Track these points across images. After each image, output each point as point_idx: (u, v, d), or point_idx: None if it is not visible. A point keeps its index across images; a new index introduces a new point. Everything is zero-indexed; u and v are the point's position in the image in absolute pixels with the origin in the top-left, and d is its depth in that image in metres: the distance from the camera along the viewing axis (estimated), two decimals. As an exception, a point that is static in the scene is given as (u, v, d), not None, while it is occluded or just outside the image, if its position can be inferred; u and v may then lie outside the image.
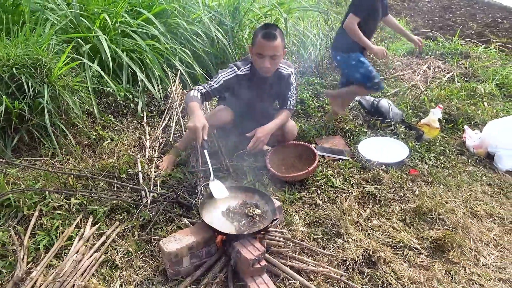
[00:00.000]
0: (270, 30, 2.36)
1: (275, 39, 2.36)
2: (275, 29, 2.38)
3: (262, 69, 2.46)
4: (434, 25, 7.82)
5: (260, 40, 2.36)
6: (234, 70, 2.52)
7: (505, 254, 2.13)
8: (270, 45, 2.35)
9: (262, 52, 2.38)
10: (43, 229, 2.07)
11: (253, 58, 2.49)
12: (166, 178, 2.52)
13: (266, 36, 2.34)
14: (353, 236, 2.17)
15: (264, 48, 2.36)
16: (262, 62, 2.41)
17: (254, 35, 2.43)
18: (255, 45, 2.41)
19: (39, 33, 2.89)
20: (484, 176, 2.78)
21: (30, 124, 2.65)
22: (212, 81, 2.51)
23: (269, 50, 2.37)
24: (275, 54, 2.40)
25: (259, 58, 2.41)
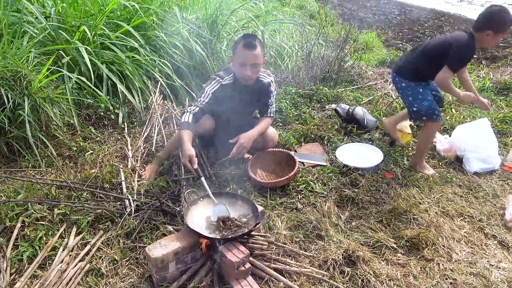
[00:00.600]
0: (251, 40, 2.46)
1: (256, 48, 2.45)
2: (254, 39, 2.48)
3: (244, 78, 2.54)
4: (404, 37, 8.15)
5: (241, 49, 2.45)
6: (218, 81, 2.59)
7: (475, 250, 2.26)
8: (251, 54, 2.45)
9: (243, 61, 2.47)
10: (26, 240, 2.06)
11: (234, 67, 2.57)
12: (150, 187, 2.54)
13: (247, 46, 2.44)
14: (333, 238, 2.25)
15: (245, 57, 2.46)
16: (244, 70, 2.50)
17: (235, 45, 2.52)
18: (236, 55, 2.50)
19: (18, 45, 2.88)
20: (454, 177, 2.93)
21: (9, 136, 2.63)
22: (202, 97, 2.57)
23: (250, 59, 2.46)
24: (256, 62, 2.50)
25: (241, 67, 2.50)
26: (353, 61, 5.09)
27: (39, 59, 2.95)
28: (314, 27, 5.99)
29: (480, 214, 2.54)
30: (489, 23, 2.57)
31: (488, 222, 2.47)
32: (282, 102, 3.82)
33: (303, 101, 4.01)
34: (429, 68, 2.76)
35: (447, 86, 2.67)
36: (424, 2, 13.64)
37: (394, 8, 12.48)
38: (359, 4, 12.86)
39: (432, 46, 2.80)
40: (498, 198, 2.72)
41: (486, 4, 13.86)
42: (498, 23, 2.57)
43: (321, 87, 4.28)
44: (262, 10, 5.39)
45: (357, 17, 10.22)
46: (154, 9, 3.95)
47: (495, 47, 7.04)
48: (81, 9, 3.62)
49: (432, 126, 2.87)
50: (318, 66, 4.66)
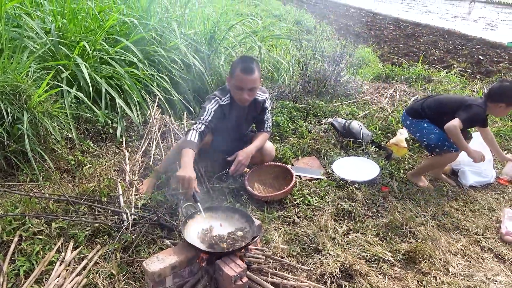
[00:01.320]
0: (248, 64, 2.49)
1: (253, 73, 2.49)
2: (252, 62, 2.52)
3: (241, 100, 2.59)
4: (399, 51, 8.27)
5: (239, 74, 2.48)
6: (217, 100, 2.61)
7: (471, 263, 2.27)
8: (249, 79, 2.49)
9: (241, 86, 2.51)
10: (23, 255, 2.05)
11: (231, 89, 2.61)
12: (147, 200, 2.55)
13: (245, 70, 2.47)
14: (330, 251, 2.26)
15: (243, 81, 2.49)
16: (241, 94, 2.54)
17: (233, 68, 2.55)
18: (234, 78, 2.53)
19: (18, 60, 2.92)
20: (450, 191, 2.96)
21: (8, 150, 2.64)
22: (204, 115, 2.56)
23: (248, 83, 2.50)
24: (254, 86, 2.54)
25: (238, 90, 2.53)
26: (349, 76, 5.16)
27: (38, 73, 2.98)
28: (310, 42, 6.08)
29: (476, 227, 2.56)
30: (502, 97, 2.73)
31: (484, 235, 2.49)
32: (279, 116, 3.85)
33: (300, 115, 4.05)
34: (436, 113, 2.92)
35: (456, 135, 2.69)
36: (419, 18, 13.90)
37: (390, 23, 12.69)
38: (355, 20, 13.08)
39: (450, 97, 3.14)
40: (494, 211, 2.74)
41: (479, 20, 14.13)
42: (510, 97, 2.72)
43: (317, 101, 4.33)
44: (259, 26, 5.48)
45: (353, 32, 10.39)
46: (153, 25, 4.01)
47: (489, 62, 7.16)
48: (81, 25, 3.67)
49: (449, 157, 2.90)
50: (314, 80, 4.72)
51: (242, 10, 8.21)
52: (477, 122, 2.88)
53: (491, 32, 11.39)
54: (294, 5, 14.17)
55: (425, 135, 2.94)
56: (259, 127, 2.88)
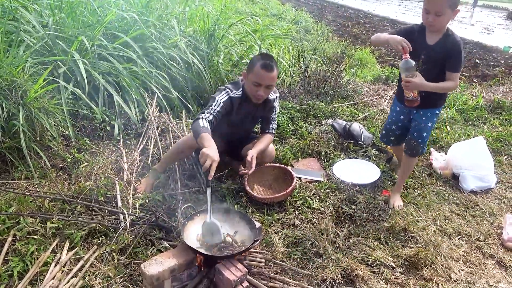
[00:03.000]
0: (269, 61, 2.47)
1: (273, 71, 2.48)
2: (272, 60, 2.50)
3: (256, 96, 2.55)
4: (397, 54, 8.25)
5: (259, 70, 2.45)
6: (228, 92, 2.58)
7: (473, 269, 2.25)
8: (269, 76, 2.47)
9: (260, 82, 2.48)
10: (17, 255, 1.99)
11: (247, 84, 2.56)
12: (145, 200, 2.50)
13: (266, 67, 2.45)
14: (331, 256, 2.23)
15: (262, 78, 2.47)
16: (257, 90, 2.51)
17: (252, 64, 2.51)
18: (252, 73, 2.49)
19: (14, 54, 2.85)
20: (451, 196, 2.94)
21: (2, 146, 2.57)
22: (213, 105, 2.49)
23: (267, 80, 2.48)
24: (271, 84, 2.53)
25: (255, 86, 2.50)
26: (349, 77, 5.13)
27: (35, 68, 2.91)
28: (310, 42, 6.05)
29: (477, 233, 2.54)
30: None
31: (485, 241, 2.47)
32: (279, 116, 3.81)
33: (300, 116, 4.01)
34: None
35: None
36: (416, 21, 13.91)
37: (387, 25, 12.69)
38: (353, 21, 13.07)
39: None
40: (495, 217, 2.72)
41: (476, 24, 14.19)
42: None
43: (317, 103, 4.29)
44: (260, 25, 5.43)
45: (351, 33, 10.36)
46: (153, 21, 3.95)
47: (485, 66, 7.17)
48: (79, 20, 3.61)
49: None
50: (314, 81, 4.69)
51: (241, 9, 8.16)
52: None
53: (488, 36, 11.43)
54: (292, 5, 14.15)
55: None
56: (265, 127, 2.84)
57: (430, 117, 2.56)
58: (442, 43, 2.31)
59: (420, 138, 2.62)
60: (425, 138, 2.63)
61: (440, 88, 2.34)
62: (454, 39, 2.30)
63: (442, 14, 2.18)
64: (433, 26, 2.28)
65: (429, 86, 2.30)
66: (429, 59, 2.36)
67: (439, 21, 2.23)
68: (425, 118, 2.57)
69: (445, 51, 2.30)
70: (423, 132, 2.60)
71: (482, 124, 4.26)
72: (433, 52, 2.34)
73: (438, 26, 2.27)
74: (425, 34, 2.37)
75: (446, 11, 2.18)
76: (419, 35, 2.38)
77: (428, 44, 2.35)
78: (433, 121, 2.60)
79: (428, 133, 2.62)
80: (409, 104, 2.43)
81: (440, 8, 2.17)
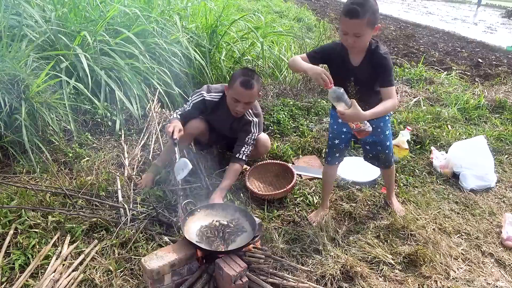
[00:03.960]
0: (249, 79, 2.48)
1: (252, 88, 2.49)
2: (253, 77, 2.50)
3: (234, 111, 2.60)
4: (399, 52, 8.24)
5: (238, 87, 2.47)
6: (202, 95, 2.69)
7: (472, 268, 2.25)
8: (247, 93, 2.49)
9: (238, 98, 2.52)
10: (19, 248, 2.01)
11: (228, 98, 2.60)
12: (146, 196, 2.51)
13: (245, 85, 2.47)
14: (330, 252, 2.24)
15: (240, 95, 2.50)
16: (235, 106, 2.56)
17: (233, 79, 2.53)
18: (232, 89, 2.52)
19: (16, 49, 2.85)
20: (451, 194, 2.94)
21: (4, 140, 2.59)
22: (186, 105, 2.72)
23: (246, 97, 2.52)
24: (250, 101, 2.56)
25: (234, 102, 2.54)
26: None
27: (37, 63, 2.92)
28: (312, 39, 6.04)
29: (477, 232, 2.54)
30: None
31: (485, 240, 2.47)
32: (280, 113, 3.82)
33: (301, 113, 4.02)
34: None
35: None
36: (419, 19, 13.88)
37: (390, 23, 12.66)
38: (356, 19, 13.01)
39: None
40: (495, 215, 2.72)
41: (479, 23, 14.15)
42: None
43: (319, 100, 4.30)
44: (262, 22, 5.43)
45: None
46: (155, 17, 3.95)
47: (488, 66, 7.16)
48: (82, 15, 3.61)
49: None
50: (316, 78, 4.67)
51: (243, 5, 8.15)
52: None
53: (491, 35, 11.40)
54: (295, 2, 14.11)
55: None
56: (237, 148, 2.69)
57: (383, 126, 2.37)
58: (367, 62, 2.10)
59: (386, 149, 2.46)
60: (390, 146, 2.48)
61: (379, 112, 2.06)
62: (378, 54, 2.08)
63: (362, 35, 1.97)
64: (354, 48, 2.07)
65: (366, 115, 2.00)
66: (358, 81, 2.17)
67: (360, 41, 2.01)
68: (380, 130, 2.37)
69: (372, 69, 2.10)
70: (385, 142, 2.43)
71: (483, 123, 4.25)
72: (360, 73, 2.14)
73: (360, 47, 2.07)
74: (348, 55, 2.14)
75: (365, 31, 1.97)
76: (342, 57, 2.15)
77: (354, 65, 2.14)
78: (388, 127, 2.42)
79: (390, 140, 2.46)
80: (360, 136, 2.16)
81: (358, 30, 1.95)
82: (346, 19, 1.95)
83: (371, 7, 1.94)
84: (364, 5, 1.92)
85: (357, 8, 1.91)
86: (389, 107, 2.07)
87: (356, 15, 1.91)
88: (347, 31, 1.99)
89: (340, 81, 2.07)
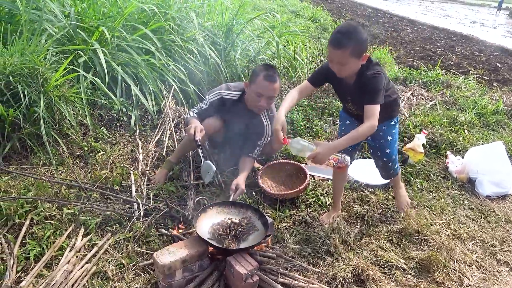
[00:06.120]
0: (272, 73, 2.49)
1: (276, 82, 2.51)
2: (275, 72, 2.52)
3: (256, 107, 2.59)
4: (416, 54, 8.15)
5: (262, 80, 2.47)
6: (219, 93, 2.69)
7: (487, 276, 2.21)
8: (270, 87, 2.50)
9: (262, 92, 2.51)
10: (34, 238, 2.04)
11: (249, 94, 2.60)
12: (159, 191, 2.53)
13: (269, 78, 2.47)
14: (342, 255, 2.22)
15: (264, 89, 2.49)
16: (258, 100, 2.54)
17: (255, 74, 2.53)
18: (255, 84, 2.51)
19: (36, 43, 2.90)
20: (466, 200, 2.89)
21: (23, 132, 2.63)
22: (202, 104, 2.72)
23: (270, 91, 2.52)
24: (273, 95, 2.55)
25: (257, 97, 2.53)
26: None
27: (56, 57, 2.95)
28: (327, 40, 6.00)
29: (492, 239, 2.50)
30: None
31: (500, 248, 2.43)
32: (294, 113, 3.80)
33: (315, 114, 4.00)
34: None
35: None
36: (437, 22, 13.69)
37: (407, 25, 12.52)
38: (372, 20, 12.93)
39: None
40: (511, 223, 2.67)
41: (498, 27, 13.89)
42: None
43: (333, 101, 4.27)
44: (279, 21, 5.41)
45: (369, 33, 10.26)
46: (172, 14, 3.97)
47: (507, 70, 7.02)
48: (100, 11, 3.65)
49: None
50: (331, 79, 4.64)
51: (259, 4, 8.14)
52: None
53: (510, 40, 11.18)
54: (311, 2, 14.05)
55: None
56: (249, 150, 2.79)
57: (387, 130, 2.29)
58: (358, 82, 2.07)
59: (385, 156, 2.36)
60: (391, 155, 2.36)
61: (351, 138, 2.00)
62: (365, 76, 2.03)
63: (345, 64, 1.96)
64: (340, 74, 2.06)
65: (336, 145, 1.98)
66: (355, 99, 2.17)
67: (345, 70, 2.01)
68: (382, 133, 2.29)
69: (362, 89, 2.05)
70: (385, 148, 2.34)
71: (501, 129, 4.18)
72: (354, 93, 2.13)
73: (346, 74, 2.05)
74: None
75: (349, 60, 1.94)
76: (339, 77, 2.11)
77: (348, 85, 2.13)
78: (392, 133, 2.32)
79: (392, 148, 2.34)
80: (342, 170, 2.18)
81: (341, 59, 1.94)
82: (330, 48, 1.97)
83: (356, 37, 1.92)
84: (349, 35, 1.91)
85: (340, 38, 1.91)
86: (363, 131, 1.97)
87: (339, 45, 1.91)
88: (332, 59, 2.00)
89: (341, 99, 2.20)
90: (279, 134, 2.04)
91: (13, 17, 3.23)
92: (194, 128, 2.46)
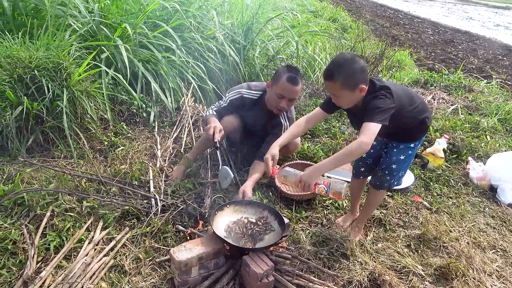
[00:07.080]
0: (296, 75, 2.48)
1: (298, 84, 2.50)
2: (298, 74, 2.50)
3: (277, 108, 2.58)
4: (437, 57, 8.00)
5: (284, 82, 2.46)
6: (239, 92, 2.70)
7: (507, 286, 2.16)
8: (293, 89, 2.49)
9: (284, 94, 2.50)
10: (54, 230, 2.08)
11: (270, 95, 2.59)
12: (177, 188, 2.55)
13: (291, 80, 2.46)
14: (358, 258, 2.19)
15: (286, 90, 2.48)
16: (280, 102, 2.53)
17: (277, 75, 2.52)
18: (277, 85, 2.50)
19: (61, 38, 2.95)
20: (487, 208, 2.83)
21: (46, 125, 2.68)
22: (222, 101, 2.73)
23: (292, 93, 2.51)
24: (295, 97, 2.55)
25: (278, 98, 2.52)
26: (386, 79, 5.01)
27: (79, 52, 3.00)
28: (347, 41, 5.94)
29: (513, 249, 2.44)
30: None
31: (522, 258, 2.37)
32: (311, 114, 3.78)
33: (333, 115, 3.97)
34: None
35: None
36: (459, 24, 13.42)
37: (428, 27, 12.31)
38: (392, 21, 12.75)
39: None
40: (534, 233, 2.60)
41: (524, 30, 13.50)
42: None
43: (352, 102, 4.22)
44: (299, 20, 5.38)
45: (389, 34, 10.12)
46: (193, 12, 3.99)
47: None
48: (123, 7, 3.69)
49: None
50: (350, 80, 4.59)
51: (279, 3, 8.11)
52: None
53: (536, 44, 10.86)
54: (330, 2, 13.94)
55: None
56: (263, 149, 2.65)
57: (402, 149, 2.21)
58: (362, 110, 1.99)
59: (387, 170, 2.24)
60: (395, 171, 2.24)
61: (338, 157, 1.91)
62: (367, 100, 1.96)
63: (339, 96, 1.94)
64: (339, 105, 2.04)
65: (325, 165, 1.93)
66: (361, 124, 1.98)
67: (340, 101, 1.99)
68: (396, 150, 2.22)
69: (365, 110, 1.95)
70: (392, 164, 2.23)
71: (525, 135, 4.07)
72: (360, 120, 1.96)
73: (345, 105, 2.02)
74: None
75: (341, 93, 1.91)
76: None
77: (355, 112, 2.09)
78: (407, 154, 2.22)
79: (400, 166, 2.23)
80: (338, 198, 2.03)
81: (333, 91, 1.94)
82: (324, 80, 1.97)
83: (349, 70, 1.87)
84: (339, 68, 1.88)
85: (331, 71, 1.90)
86: (351, 148, 1.87)
87: (329, 77, 1.91)
88: (327, 90, 2.01)
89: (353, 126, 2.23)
90: (268, 164, 2.08)
91: (39, 12, 3.29)
92: (213, 128, 2.45)
